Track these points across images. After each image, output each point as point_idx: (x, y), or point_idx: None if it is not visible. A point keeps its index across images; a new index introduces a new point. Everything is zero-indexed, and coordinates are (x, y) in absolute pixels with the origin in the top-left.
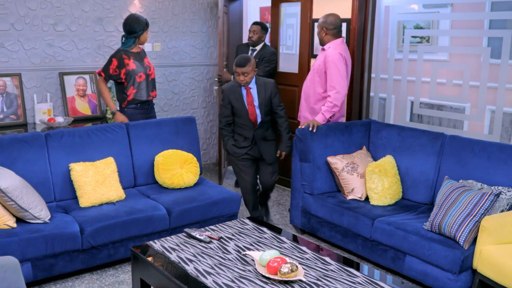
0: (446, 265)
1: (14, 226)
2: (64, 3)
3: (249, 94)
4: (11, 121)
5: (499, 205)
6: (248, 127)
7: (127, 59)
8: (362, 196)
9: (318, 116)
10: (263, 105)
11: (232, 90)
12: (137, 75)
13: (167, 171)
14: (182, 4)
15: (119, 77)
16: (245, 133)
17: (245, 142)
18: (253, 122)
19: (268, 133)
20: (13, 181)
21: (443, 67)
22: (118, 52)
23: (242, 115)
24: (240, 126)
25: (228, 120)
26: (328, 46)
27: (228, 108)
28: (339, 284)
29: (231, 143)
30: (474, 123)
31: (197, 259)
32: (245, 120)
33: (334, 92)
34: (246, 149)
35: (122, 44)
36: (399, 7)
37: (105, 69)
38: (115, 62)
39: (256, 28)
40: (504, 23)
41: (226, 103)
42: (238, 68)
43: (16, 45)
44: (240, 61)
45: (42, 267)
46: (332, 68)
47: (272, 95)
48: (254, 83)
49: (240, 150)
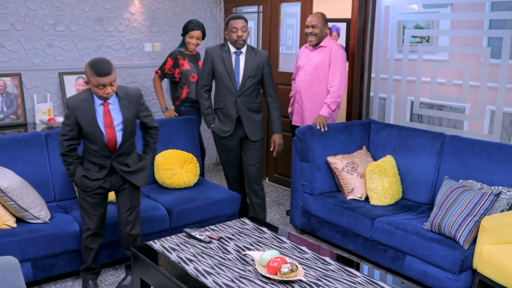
0: (446, 265)
1: (14, 226)
2: (64, 3)
3: (106, 112)
4: (11, 121)
5: (499, 205)
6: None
7: (181, 59)
8: (362, 196)
9: (323, 110)
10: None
11: (81, 106)
12: (191, 76)
13: (167, 171)
14: (182, 4)
15: (173, 76)
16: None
17: (100, 173)
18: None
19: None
20: (13, 181)
21: (443, 67)
22: (173, 52)
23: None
24: (92, 153)
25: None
26: (327, 42)
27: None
28: (339, 284)
29: (80, 174)
30: (474, 123)
31: (197, 259)
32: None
33: (337, 83)
34: (101, 182)
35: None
36: (399, 7)
37: (161, 67)
38: (170, 62)
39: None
40: (504, 23)
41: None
42: (102, 78)
43: (16, 45)
44: (104, 68)
45: (42, 267)
46: (339, 62)
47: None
48: (115, 95)
49: (94, 183)
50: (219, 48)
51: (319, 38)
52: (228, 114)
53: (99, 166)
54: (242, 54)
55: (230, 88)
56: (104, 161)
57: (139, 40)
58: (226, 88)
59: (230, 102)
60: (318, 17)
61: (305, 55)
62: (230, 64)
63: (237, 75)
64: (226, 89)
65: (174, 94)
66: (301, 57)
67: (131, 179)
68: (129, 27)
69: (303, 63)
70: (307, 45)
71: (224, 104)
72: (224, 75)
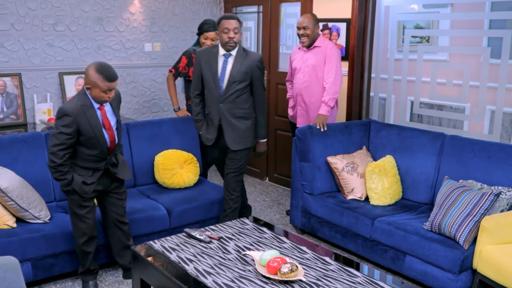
0: (446, 265)
1: (14, 226)
2: (64, 3)
3: (104, 115)
4: (11, 121)
5: (499, 205)
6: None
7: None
8: (362, 196)
9: (321, 109)
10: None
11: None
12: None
13: (167, 171)
14: (182, 4)
15: (187, 75)
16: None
17: (93, 177)
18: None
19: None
20: (13, 181)
21: (443, 67)
22: (187, 51)
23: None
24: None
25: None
26: (321, 42)
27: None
28: (339, 284)
29: (79, 180)
30: (474, 123)
31: (197, 259)
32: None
33: (332, 79)
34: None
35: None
36: (399, 7)
37: (175, 66)
38: (184, 60)
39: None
40: (504, 23)
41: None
42: (112, 83)
43: (16, 45)
44: (112, 74)
45: (42, 267)
46: (333, 59)
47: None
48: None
49: (89, 188)
50: (209, 50)
51: (311, 39)
52: (212, 121)
53: (92, 170)
54: (232, 57)
55: (214, 93)
56: (98, 164)
57: (139, 40)
58: (211, 93)
59: (214, 108)
60: (309, 18)
61: (300, 57)
62: (216, 68)
63: (222, 79)
64: (211, 95)
65: (187, 93)
66: (296, 58)
67: (119, 175)
68: (129, 27)
69: (299, 65)
70: (300, 47)
71: (210, 111)
72: (209, 80)
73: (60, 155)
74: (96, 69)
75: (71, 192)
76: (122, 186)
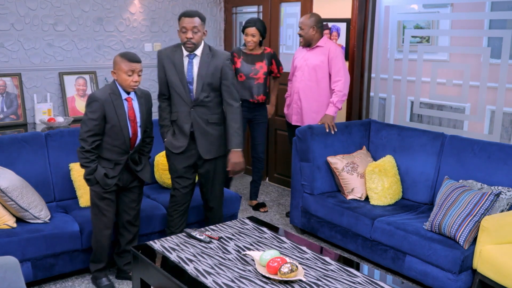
0: (446, 265)
1: (14, 226)
2: (64, 3)
3: (130, 107)
4: (11, 121)
5: (499, 205)
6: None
7: (236, 57)
8: (362, 196)
9: (329, 109)
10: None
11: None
12: (238, 75)
13: (167, 171)
14: (182, 4)
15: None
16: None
17: (114, 170)
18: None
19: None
20: (13, 181)
21: (443, 67)
22: (233, 49)
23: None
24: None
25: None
26: (324, 42)
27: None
28: (339, 284)
29: (102, 171)
30: (474, 123)
31: (197, 259)
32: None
33: (342, 82)
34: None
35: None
36: (399, 7)
37: None
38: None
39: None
40: (504, 23)
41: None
42: (133, 64)
43: (16, 45)
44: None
45: (42, 267)
46: (339, 60)
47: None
48: (134, 93)
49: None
50: (171, 50)
51: (306, 39)
52: (181, 127)
53: (113, 162)
54: (197, 57)
55: (183, 97)
56: (120, 157)
57: (139, 40)
58: (179, 97)
59: (184, 114)
60: (305, 18)
61: (302, 56)
62: (182, 70)
63: (191, 82)
64: (179, 99)
65: None
66: (298, 57)
67: (140, 175)
68: (129, 27)
69: (300, 63)
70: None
71: (178, 116)
72: (175, 83)
73: (89, 142)
74: (120, 54)
75: (92, 181)
76: (141, 187)
